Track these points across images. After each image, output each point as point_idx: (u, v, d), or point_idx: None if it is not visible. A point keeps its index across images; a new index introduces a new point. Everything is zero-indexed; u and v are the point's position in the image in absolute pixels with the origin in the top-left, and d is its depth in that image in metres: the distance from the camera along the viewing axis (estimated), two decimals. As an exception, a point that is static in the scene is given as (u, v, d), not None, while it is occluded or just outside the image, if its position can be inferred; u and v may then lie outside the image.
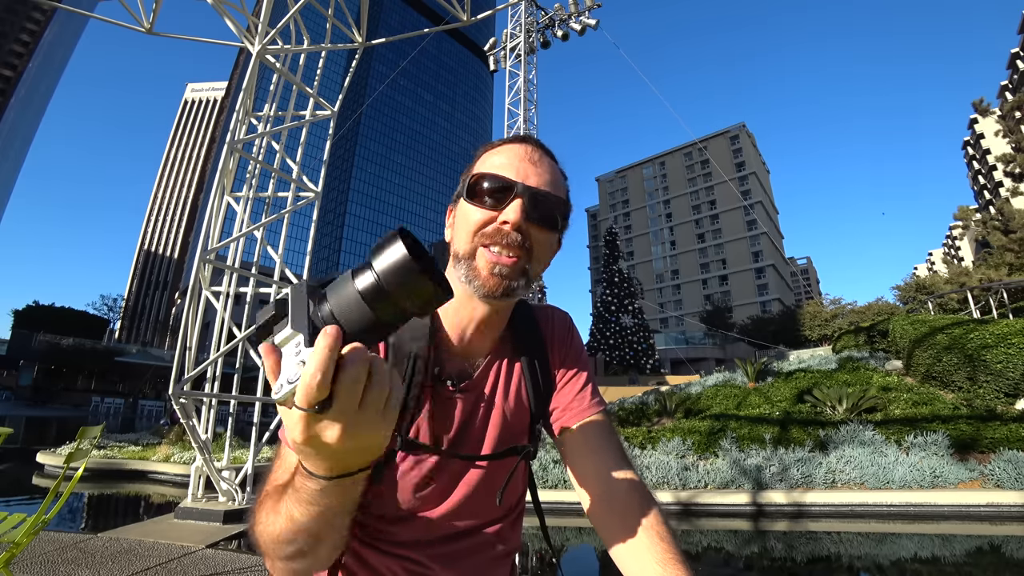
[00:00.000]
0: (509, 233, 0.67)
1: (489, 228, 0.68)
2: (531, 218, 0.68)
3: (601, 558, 4.89)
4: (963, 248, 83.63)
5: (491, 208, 0.68)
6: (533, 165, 0.70)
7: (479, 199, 0.69)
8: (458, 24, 8.10)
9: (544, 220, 0.69)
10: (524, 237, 0.68)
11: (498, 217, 0.68)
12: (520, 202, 0.67)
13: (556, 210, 0.71)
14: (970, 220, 32.12)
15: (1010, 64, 63.31)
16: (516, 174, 0.69)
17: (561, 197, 0.72)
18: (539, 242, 0.70)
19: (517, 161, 0.70)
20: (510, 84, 18.50)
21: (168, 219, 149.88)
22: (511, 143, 0.73)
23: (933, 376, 9.04)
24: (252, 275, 5.77)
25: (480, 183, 0.69)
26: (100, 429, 2.70)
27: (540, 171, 0.70)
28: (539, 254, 0.70)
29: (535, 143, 0.74)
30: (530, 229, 0.68)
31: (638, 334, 38.04)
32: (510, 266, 0.67)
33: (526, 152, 0.71)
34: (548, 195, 0.70)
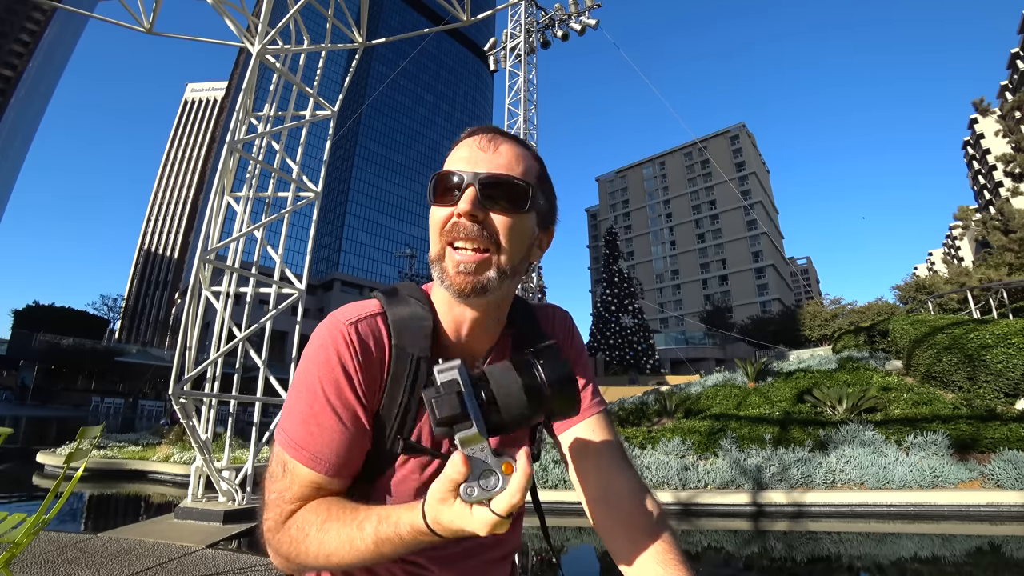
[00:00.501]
0: (465, 224, 0.66)
1: (448, 224, 0.67)
2: (487, 204, 0.66)
3: (601, 558, 4.89)
4: (963, 248, 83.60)
5: (449, 204, 0.67)
6: (483, 152, 0.69)
7: (439, 199, 0.69)
8: (458, 24, 8.10)
9: (505, 204, 0.67)
10: (484, 227, 0.66)
11: (455, 211, 0.67)
12: (471, 191, 0.65)
13: (516, 192, 0.68)
14: (970, 220, 32.11)
15: (1010, 64, 63.30)
16: (467, 165, 0.68)
17: (520, 178, 0.68)
18: (504, 227, 0.67)
19: (468, 152, 0.69)
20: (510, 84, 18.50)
21: (168, 219, 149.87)
22: (465, 137, 0.72)
23: (933, 376, 9.04)
24: (252, 275, 5.77)
25: (437, 184, 0.69)
26: (100, 429, 2.70)
27: (491, 156, 0.68)
28: (507, 240, 0.68)
29: (487, 130, 0.72)
30: (489, 216, 0.67)
31: (638, 334, 38.05)
32: (476, 262, 0.66)
33: (476, 142, 0.70)
34: (500, 176, 0.67)
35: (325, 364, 0.66)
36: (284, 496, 0.65)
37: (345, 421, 0.66)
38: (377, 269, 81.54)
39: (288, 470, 0.66)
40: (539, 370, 0.52)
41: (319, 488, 0.66)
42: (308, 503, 0.66)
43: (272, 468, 0.67)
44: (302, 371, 0.68)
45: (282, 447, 0.66)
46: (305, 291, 5.88)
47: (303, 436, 0.65)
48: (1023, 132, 30.16)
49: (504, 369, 0.53)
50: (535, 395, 0.51)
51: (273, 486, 0.66)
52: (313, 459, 0.65)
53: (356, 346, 0.67)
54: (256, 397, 5.50)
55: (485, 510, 0.50)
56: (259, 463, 5.50)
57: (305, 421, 0.65)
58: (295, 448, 0.65)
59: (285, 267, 5.95)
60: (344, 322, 0.69)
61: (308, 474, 0.65)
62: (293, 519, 0.64)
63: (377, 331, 0.71)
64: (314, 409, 0.65)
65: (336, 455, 0.65)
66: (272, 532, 0.65)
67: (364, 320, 0.70)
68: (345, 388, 0.66)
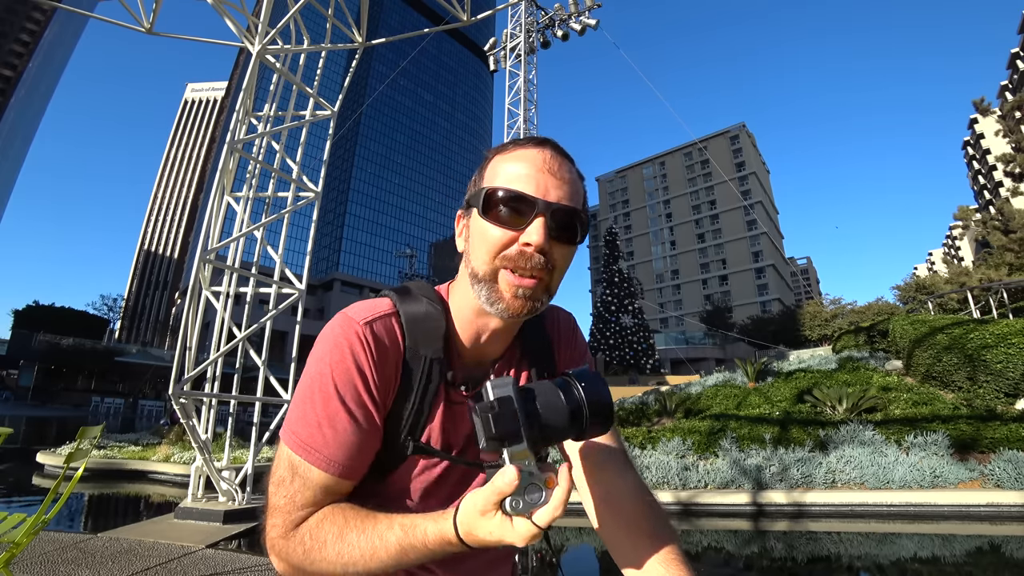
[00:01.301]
0: (534, 256, 0.63)
1: (511, 251, 0.64)
2: (554, 236, 0.64)
3: (601, 558, 4.89)
4: (963, 248, 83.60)
5: (510, 226, 0.64)
6: (553, 176, 0.65)
7: (496, 216, 0.64)
8: (458, 24, 8.10)
9: (567, 236, 0.66)
10: (548, 258, 0.65)
11: (519, 238, 0.64)
12: (543, 221, 0.63)
13: (577, 224, 0.67)
14: (970, 220, 32.10)
15: (1010, 64, 63.28)
16: (536, 189, 0.64)
17: (581, 209, 0.68)
18: (560, 258, 0.67)
19: (535, 172, 0.65)
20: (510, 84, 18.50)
21: (168, 219, 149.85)
22: (528, 147, 0.68)
23: (933, 376, 9.04)
24: (252, 275, 5.77)
25: (496, 198, 0.64)
26: (100, 429, 2.70)
27: (560, 182, 0.65)
28: (562, 268, 0.68)
29: (553, 148, 0.68)
30: (553, 247, 0.65)
31: (638, 334, 38.05)
32: (533, 287, 0.65)
33: (544, 161, 0.66)
34: (571, 210, 0.65)
35: (340, 364, 0.65)
36: (295, 501, 0.63)
37: (360, 422, 0.64)
38: (377, 269, 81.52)
39: (299, 474, 0.63)
40: (579, 391, 0.55)
41: (330, 491, 0.64)
42: (320, 509, 0.64)
43: (279, 473, 0.64)
44: (315, 372, 0.66)
45: (293, 449, 0.64)
46: (305, 291, 5.88)
47: (316, 438, 0.63)
48: (1023, 132, 30.16)
49: (549, 388, 0.56)
50: (576, 415, 0.55)
51: (280, 491, 0.63)
52: (327, 461, 0.63)
53: (372, 346, 0.66)
54: (256, 397, 5.50)
55: (526, 523, 0.52)
56: (259, 463, 5.51)
57: (318, 422, 0.63)
58: (307, 450, 0.63)
59: (285, 267, 5.95)
60: (359, 321, 0.67)
61: (320, 477, 0.63)
62: (305, 526, 0.62)
63: (391, 331, 0.69)
64: (329, 411, 0.63)
65: (350, 457, 0.64)
66: (280, 540, 0.62)
67: (379, 320, 0.69)
68: (361, 389, 0.64)
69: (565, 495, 0.52)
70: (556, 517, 0.52)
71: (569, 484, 0.52)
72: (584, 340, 0.91)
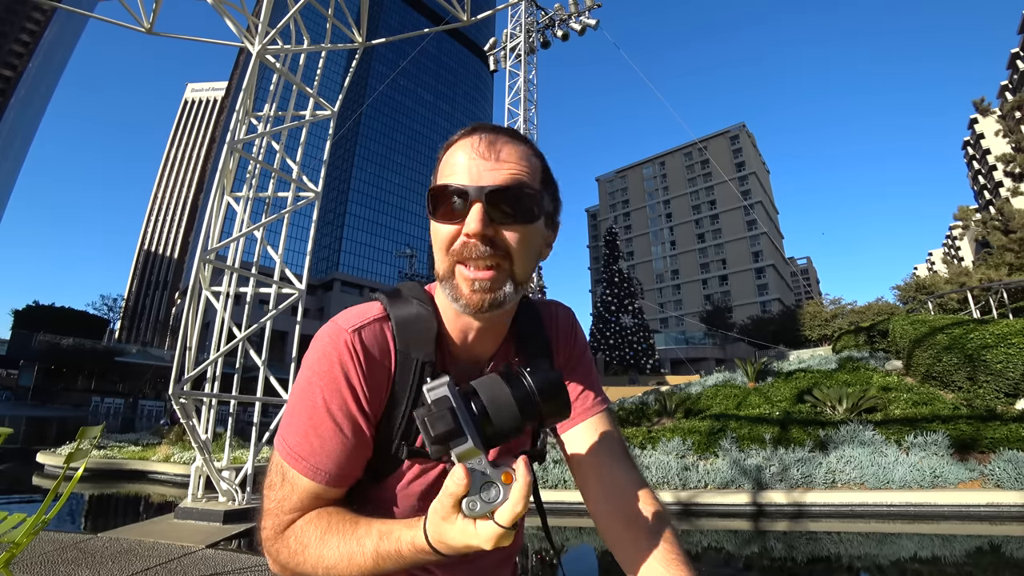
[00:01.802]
0: (476, 245, 0.62)
1: (457, 244, 0.63)
2: (497, 219, 0.62)
3: (601, 558, 4.89)
4: (963, 248, 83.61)
5: (454, 220, 0.63)
6: (485, 160, 0.63)
7: (441, 215, 0.64)
8: (458, 24, 8.10)
9: (514, 216, 0.63)
10: (496, 243, 0.63)
11: (462, 230, 0.62)
12: (478, 208, 0.61)
13: (524, 201, 0.63)
14: (970, 220, 32.11)
15: (1010, 64, 63.28)
16: (468, 176, 0.62)
17: (527, 184, 0.64)
18: (516, 240, 0.64)
19: (467, 160, 0.63)
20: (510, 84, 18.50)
21: (168, 219, 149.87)
22: (463, 137, 0.66)
23: (933, 376, 9.04)
24: (252, 275, 5.77)
25: (437, 197, 0.64)
26: (100, 429, 2.70)
27: (493, 163, 0.63)
28: (520, 252, 0.64)
29: (485, 130, 0.66)
30: (500, 231, 0.63)
31: (638, 334, 38.05)
32: (490, 279, 0.63)
33: (474, 146, 0.64)
34: (509, 188, 0.62)
35: (327, 375, 0.64)
36: (283, 506, 0.65)
37: (346, 432, 0.64)
38: (377, 269, 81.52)
39: (288, 480, 0.64)
40: (526, 379, 0.53)
41: (318, 497, 0.65)
42: (307, 513, 0.65)
43: (271, 477, 0.66)
44: (303, 380, 0.66)
45: (282, 457, 0.65)
46: (305, 291, 5.88)
47: (303, 447, 0.64)
48: (1023, 132, 30.16)
49: (492, 381, 0.54)
50: (526, 404, 0.52)
51: (272, 495, 0.65)
52: (313, 470, 0.64)
53: (360, 354, 0.65)
54: (256, 397, 5.50)
55: (490, 524, 0.50)
56: (259, 463, 5.50)
57: (305, 432, 0.64)
58: (295, 458, 0.64)
59: (285, 267, 5.95)
60: (347, 329, 0.66)
61: (307, 485, 0.64)
62: (292, 529, 0.64)
63: (381, 337, 0.68)
64: (314, 420, 0.64)
65: (337, 466, 0.64)
66: (271, 541, 0.64)
67: (367, 326, 0.68)
68: (348, 399, 0.64)
69: (524, 489, 0.50)
70: (518, 514, 0.50)
71: (528, 478, 0.50)
72: (584, 337, 0.89)
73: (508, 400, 0.52)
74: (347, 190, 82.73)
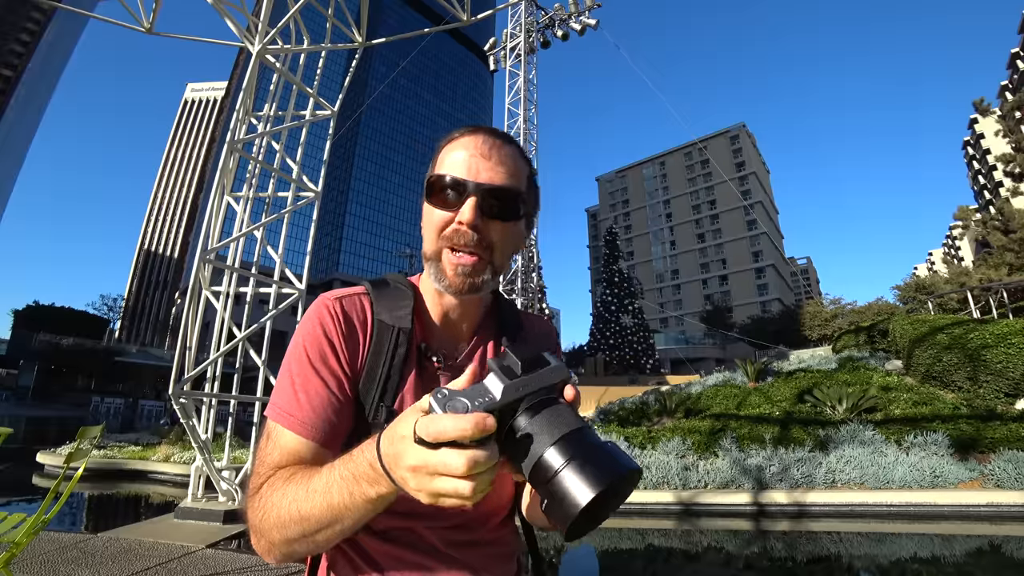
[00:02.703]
0: (466, 233, 0.69)
1: (448, 229, 0.70)
2: (488, 214, 0.70)
3: (601, 558, 4.89)
4: (963, 248, 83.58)
5: (449, 208, 0.70)
6: (485, 159, 0.70)
7: (436, 200, 0.71)
8: (458, 24, 8.10)
9: (502, 213, 0.71)
10: (483, 234, 0.70)
11: (455, 217, 0.69)
12: (473, 201, 0.68)
13: (512, 202, 0.71)
14: (970, 220, 32.13)
15: (1010, 64, 63.27)
16: (468, 171, 0.69)
17: (516, 187, 0.72)
18: (499, 235, 0.71)
19: (468, 156, 0.70)
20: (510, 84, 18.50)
21: (168, 219, 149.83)
22: (465, 135, 0.73)
23: (933, 376, 9.04)
24: (252, 275, 5.77)
25: (436, 184, 0.71)
26: (100, 429, 2.70)
27: (492, 164, 0.70)
28: (502, 246, 0.72)
29: (487, 132, 0.73)
30: (488, 225, 0.70)
31: (638, 334, 38.04)
32: (472, 264, 0.70)
33: (476, 146, 0.71)
34: (502, 188, 0.70)
35: (311, 334, 0.71)
36: (264, 463, 0.65)
37: (332, 387, 0.68)
38: (377, 269, 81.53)
39: (271, 438, 0.66)
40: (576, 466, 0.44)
41: (301, 458, 0.64)
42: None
43: (261, 442, 0.69)
44: (291, 345, 0.72)
45: (270, 417, 0.68)
46: (305, 291, 5.88)
47: (292, 403, 0.67)
48: (1023, 132, 30.16)
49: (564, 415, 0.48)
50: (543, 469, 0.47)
51: (257, 457, 0.67)
52: (301, 424, 0.65)
53: (339, 317, 0.73)
54: (256, 397, 5.50)
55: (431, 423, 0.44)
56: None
57: (294, 390, 0.68)
58: (282, 415, 0.66)
59: (285, 267, 5.95)
60: (329, 298, 0.75)
61: (292, 441, 0.65)
62: (264, 485, 0.62)
63: (360, 306, 0.76)
64: (302, 377, 0.68)
65: (323, 420, 0.66)
66: (249, 499, 0.63)
67: (348, 297, 0.76)
68: (329, 355, 0.70)
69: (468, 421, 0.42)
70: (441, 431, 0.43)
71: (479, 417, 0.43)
72: (559, 350, 0.92)
73: (543, 447, 0.46)
74: (347, 190, 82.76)
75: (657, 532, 5.87)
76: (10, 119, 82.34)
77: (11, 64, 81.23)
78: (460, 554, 0.73)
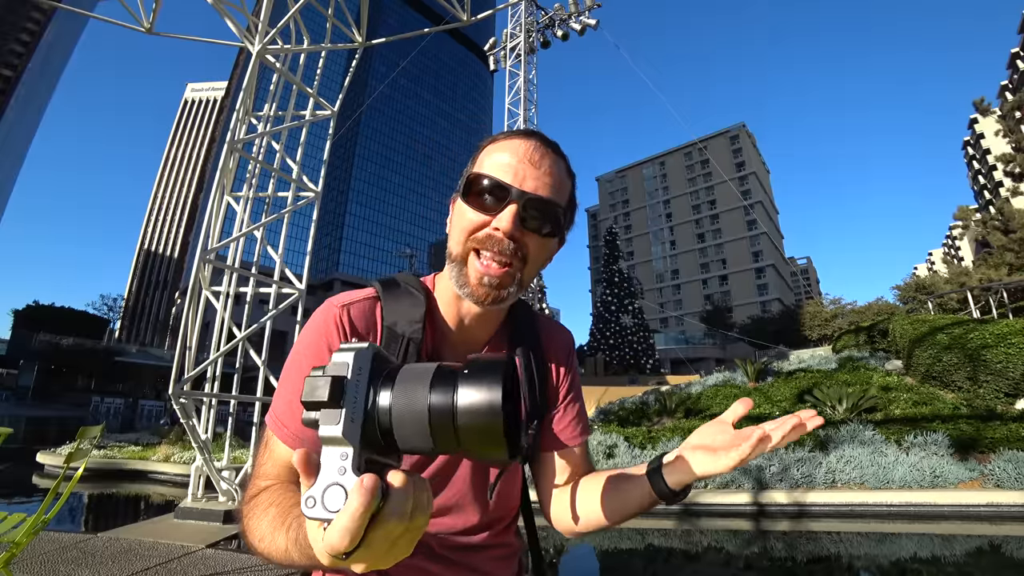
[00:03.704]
0: (501, 240, 0.65)
1: (481, 233, 0.66)
2: (526, 226, 0.66)
3: (601, 558, 4.89)
4: (963, 248, 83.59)
5: (486, 211, 0.66)
6: (533, 167, 0.66)
7: (474, 200, 0.66)
8: (458, 24, 8.09)
9: (541, 227, 0.67)
10: (517, 245, 0.66)
11: (491, 222, 0.65)
12: (514, 209, 0.64)
13: (554, 216, 0.68)
14: (970, 220, 32.13)
15: (1010, 64, 63.27)
16: (514, 177, 0.65)
17: (560, 203, 0.68)
18: (534, 249, 0.67)
19: (516, 161, 0.66)
20: (510, 84, 18.50)
21: (168, 219, 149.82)
22: (514, 138, 0.69)
23: (933, 376, 9.03)
24: (252, 275, 5.77)
25: (476, 183, 0.66)
26: (100, 429, 2.70)
27: (540, 173, 0.66)
28: (533, 260, 0.68)
29: (539, 139, 0.69)
30: (525, 237, 0.66)
31: (638, 334, 38.03)
32: (499, 276, 0.66)
33: (527, 151, 0.67)
34: (546, 201, 0.66)
35: (313, 345, 0.68)
36: (259, 471, 0.64)
37: None
38: (377, 269, 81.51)
39: (269, 447, 0.66)
40: (456, 390, 0.37)
41: (292, 470, 0.63)
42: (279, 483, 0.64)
43: (260, 449, 0.68)
44: (293, 352, 0.70)
45: (268, 426, 0.67)
46: (305, 291, 5.88)
47: (287, 414, 0.65)
48: (1023, 132, 30.16)
49: (419, 373, 0.39)
50: (441, 422, 0.37)
51: (256, 464, 0.67)
52: (293, 437, 0.64)
53: (346, 327, 0.68)
54: (256, 397, 5.50)
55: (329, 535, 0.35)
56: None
57: (290, 400, 0.65)
58: (278, 426, 0.65)
59: (285, 267, 5.95)
60: (337, 305, 0.70)
61: (285, 453, 0.64)
62: (258, 496, 0.60)
63: (369, 313, 0.72)
64: (299, 387, 0.64)
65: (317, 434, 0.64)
66: (242, 508, 0.61)
67: (357, 303, 0.72)
68: None
69: (348, 520, 0.33)
70: (335, 546, 0.34)
71: (360, 500, 0.33)
72: (577, 364, 0.88)
73: (422, 409, 0.37)
74: (347, 190, 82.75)
75: (657, 532, 5.87)
76: (10, 119, 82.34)
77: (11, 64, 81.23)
78: (462, 557, 0.72)
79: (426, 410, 0.37)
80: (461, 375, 0.38)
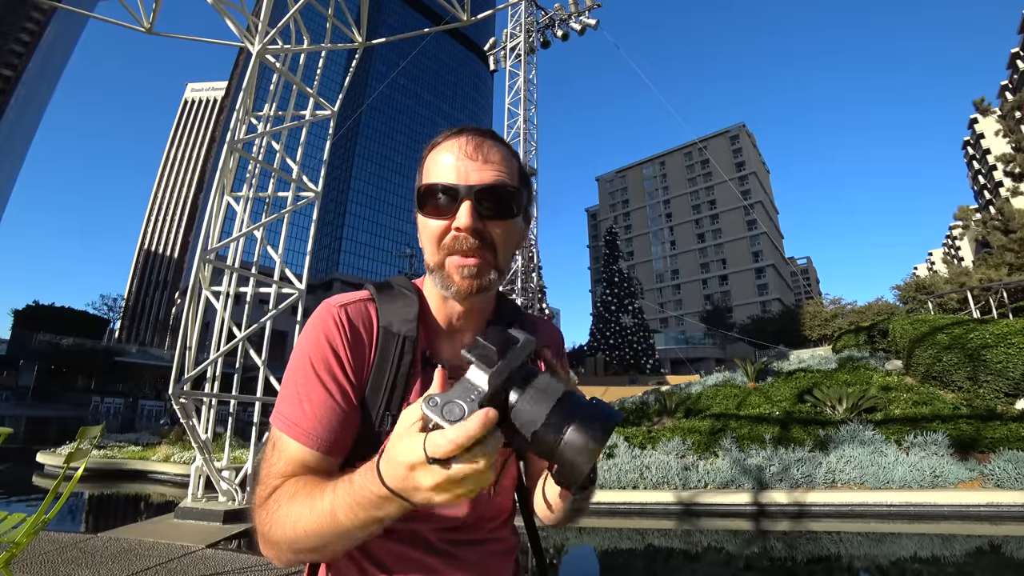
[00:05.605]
0: (466, 239, 0.68)
1: (447, 238, 0.69)
2: (484, 215, 0.68)
3: (601, 558, 4.89)
4: (963, 248, 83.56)
5: (444, 215, 0.69)
6: (472, 160, 0.69)
7: (431, 210, 0.70)
8: (458, 24, 8.10)
9: (498, 212, 0.69)
10: (482, 237, 0.69)
11: (452, 224, 0.68)
12: (469, 204, 0.67)
13: (508, 198, 0.70)
14: (970, 220, 32.15)
15: (1010, 64, 63.22)
16: (458, 175, 0.68)
17: (510, 183, 0.70)
18: (500, 233, 0.70)
19: (455, 160, 0.69)
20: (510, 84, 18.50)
21: (168, 219, 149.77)
22: (449, 138, 0.72)
23: (933, 376, 9.04)
24: (252, 275, 5.77)
25: (428, 194, 0.70)
26: (100, 429, 2.70)
27: (481, 163, 0.69)
28: (503, 244, 0.71)
29: (470, 132, 0.72)
30: (487, 226, 0.69)
31: (638, 334, 38.03)
32: (477, 265, 0.69)
33: (463, 147, 0.70)
34: (495, 187, 0.69)
35: (315, 343, 0.70)
36: (271, 472, 0.65)
37: (336, 397, 0.67)
38: (377, 269, 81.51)
39: (278, 448, 0.66)
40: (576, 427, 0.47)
41: (307, 467, 0.65)
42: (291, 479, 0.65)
43: (266, 451, 0.68)
44: (295, 353, 0.71)
45: (275, 426, 0.68)
46: (305, 291, 5.88)
47: (296, 413, 0.66)
48: (1023, 132, 30.17)
49: (551, 389, 0.49)
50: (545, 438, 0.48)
51: (263, 466, 0.67)
52: (306, 435, 0.65)
53: (345, 326, 0.71)
54: (256, 397, 5.50)
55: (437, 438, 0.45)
56: (259, 463, 5.49)
57: (298, 398, 0.67)
58: (288, 424, 0.66)
59: (285, 267, 5.95)
60: (334, 305, 0.73)
61: (297, 451, 0.65)
62: (273, 495, 0.63)
63: (366, 313, 0.75)
64: (306, 386, 0.67)
65: (328, 431, 0.66)
66: (256, 511, 0.64)
67: (353, 304, 0.75)
68: (334, 365, 0.69)
69: (476, 426, 0.44)
70: (455, 442, 0.43)
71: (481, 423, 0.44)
72: (566, 361, 0.93)
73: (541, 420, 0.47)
74: (347, 190, 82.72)
75: (657, 532, 5.87)
76: (10, 119, 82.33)
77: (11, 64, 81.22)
78: (461, 552, 0.73)
79: (547, 429, 0.47)
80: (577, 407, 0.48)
